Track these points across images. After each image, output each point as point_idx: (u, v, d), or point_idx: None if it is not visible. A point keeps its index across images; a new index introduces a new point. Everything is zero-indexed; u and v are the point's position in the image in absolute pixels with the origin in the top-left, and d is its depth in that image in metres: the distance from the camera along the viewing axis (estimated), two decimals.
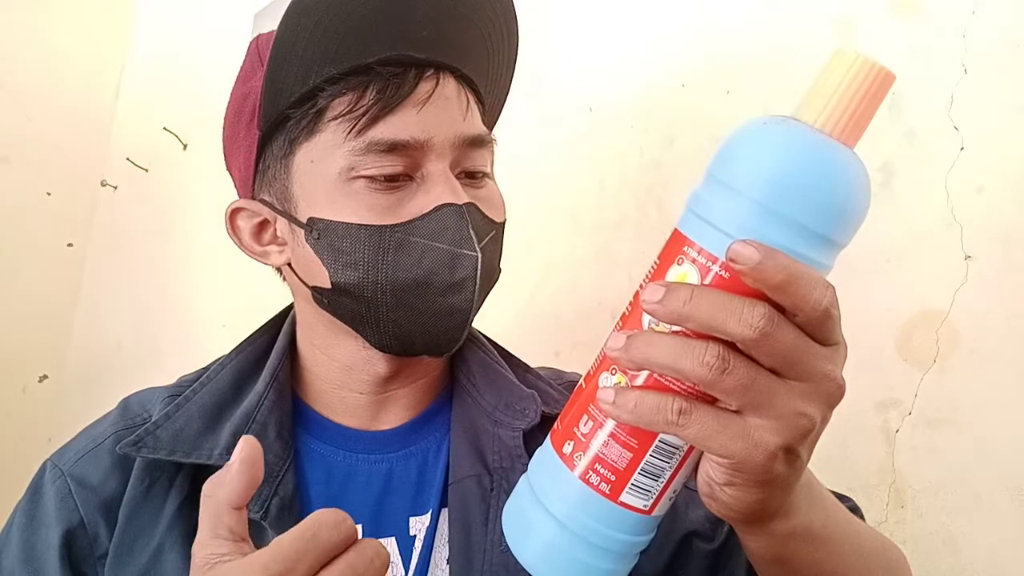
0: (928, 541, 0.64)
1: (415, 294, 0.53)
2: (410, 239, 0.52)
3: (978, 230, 0.65)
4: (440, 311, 0.54)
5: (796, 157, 0.34)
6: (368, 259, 0.52)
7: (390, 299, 0.53)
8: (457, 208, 0.53)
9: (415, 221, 0.52)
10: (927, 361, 0.66)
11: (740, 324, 0.32)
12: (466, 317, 0.55)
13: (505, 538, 0.41)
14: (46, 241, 1.95)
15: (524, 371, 0.66)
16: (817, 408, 0.34)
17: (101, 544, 0.54)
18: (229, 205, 0.60)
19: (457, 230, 0.52)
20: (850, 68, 0.34)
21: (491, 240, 0.56)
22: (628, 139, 0.94)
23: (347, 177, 0.52)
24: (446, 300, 0.53)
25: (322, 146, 0.53)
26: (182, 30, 1.90)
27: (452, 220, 0.52)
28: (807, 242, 0.33)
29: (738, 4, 0.85)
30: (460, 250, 0.52)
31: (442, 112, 0.54)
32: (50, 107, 1.93)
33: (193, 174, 1.74)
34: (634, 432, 0.36)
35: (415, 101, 0.53)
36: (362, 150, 0.52)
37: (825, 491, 0.45)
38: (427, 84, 0.54)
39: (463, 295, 0.53)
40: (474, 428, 0.60)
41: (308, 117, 0.53)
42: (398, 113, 0.52)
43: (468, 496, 0.56)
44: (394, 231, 0.52)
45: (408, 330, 0.55)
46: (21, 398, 1.90)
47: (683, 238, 0.36)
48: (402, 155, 0.52)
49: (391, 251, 0.52)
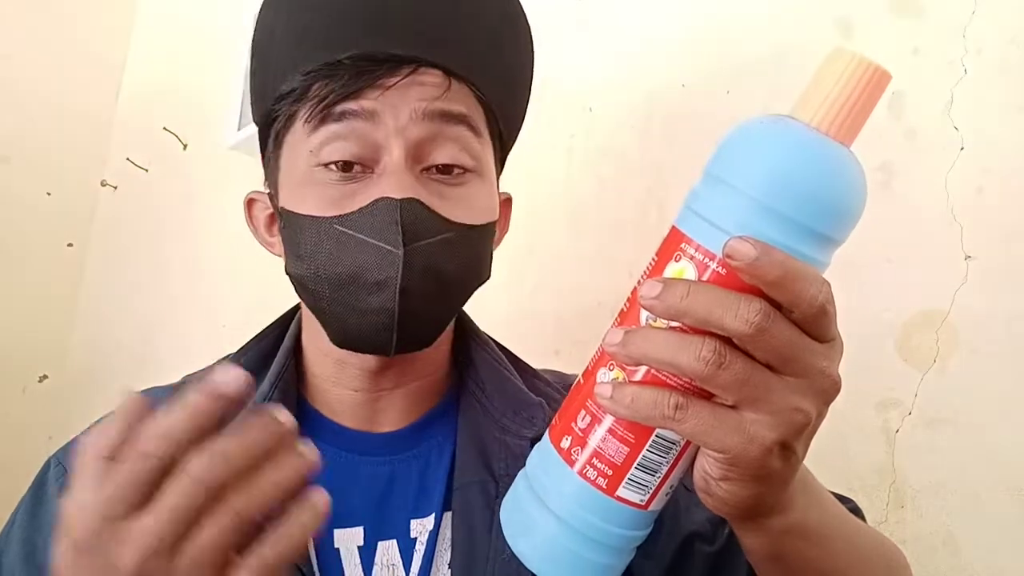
0: (928, 541, 0.64)
1: (347, 290, 0.51)
2: (345, 232, 0.51)
3: (978, 230, 0.65)
4: (366, 309, 0.51)
5: (793, 155, 0.34)
6: (310, 250, 0.52)
7: (328, 293, 0.52)
8: (391, 202, 0.50)
9: (351, 214, 0.51)
10: (927, 361, 0.66)
11: (736, 320, 0.32)
12: (390, 319, 0.51)
13: (504, 535, 0.41)
14: (46, 241, 1.95)
15: (532, 377, 0.66)
16: (812, 403, 0.34)
17: None
18: (247, 195, 0.62)
19: (385, 225, 0.50)
20: (846, 67, 0.35)
21: (440, 242, 0.52)
22: (628, 139, 0.94)
23: (311, 164, 0.52)
24: (369, 298, 0.51)
25: (296, 134, 0.54)
26: (182, 30, 1.90)
27: (383, 215, 0.50)
28: (803, 239, 0.34)
29: (738, 4, 0.85)
30: (384, 246, 0.50)
31: (406, 92, 0.51)
32: (50, 107, 1.93)
33: (193, 174, 1.74)
34: (631, 427, 0.37)
35: (380, 86, 0.51)
36: (317, 127, 0.51)
37: (822, 489, 0.45)
38: (398, 74, 0.51)
39: (384, 295, 0.50)
40: (480, 434, 0.59)
41: (288, 111, 0.54)
42: (360, 93, 0.51)
43: (472, 501, 0.56)
44: (331, 223, 0.51)
45: (346, 326, 0.53)
46: (21, 398, 1.90)
47: (681, 235, 0.36)
48: (356, 136, 0.51)
49: (328, 244, 0.51)
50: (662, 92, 0.91)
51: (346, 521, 0.55)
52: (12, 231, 1.86)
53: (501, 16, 0.58)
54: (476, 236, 0.54)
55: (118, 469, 0.33)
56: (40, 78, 1.90)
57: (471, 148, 0.54)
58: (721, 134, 0.37)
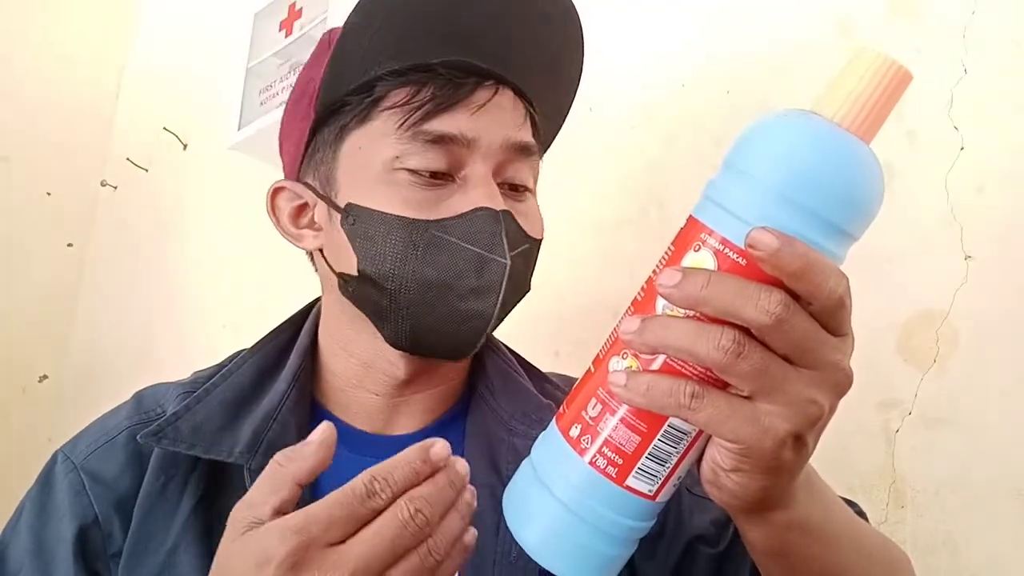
0: (928, 541, 0.64)
1: (438, 293, 0.53)
2: (442, 237, 0.52)
3: (978, 230, 0.65)
4: (459, 314, 0.53)
5: (818, 148, 0.35)
6: (397, 251, 0.52)
7: (413, 294, 0.53)
8: (493, 213, 0.53)
9: (450, 220, 0.53)
10: (927, 361, 0.66)
11: (757, 310, 0.32)
12: (485, 324, 0.54)
13: (510, 535, 0.41)
14: (46, 241, 1.95)
15: (542, 380, 0.66)
16: (826, 396, 0.35)
17: (115, 542, 0.54)
18: (272, 184, 0.61)
19: (490, 235, 0.52)
20: (870, 66, 0.35)
21: (523, 253, 0.55)
22: (628, 139, 0.94)
23: (391, 167, 0.53)
24: (467, 304, 0.53)
25: (373, 134, 0.54)
26: (182, 30, 1.90)
27: (486, 224, 0.52)
28: (824, 232, 0.34)
29: (738, 4, 0.85)
30: (490, 255, 0.52)
31: (495, 118, 0.55)
32: (50, 107, 1.93)
33: (193, 174, 1.74)
34: (643, 416, 0.36)
35: (470, 104, 0.54)
36: (409, 139, 0.53)
37: (826, 487, 0.45)
38: (485, 92, 0.55)
39: (486, 301, 0.53)
40: (489, 437, 0.59)
41: (363, 105, 0.54)
42: (452, 112, 0.53)
43: (480, 505, 0.56)
44: (428, 227, 0.52)
45: (424, 329, 0.54)
46: (21, 398, 1.90)
47: (700, 225, 0.36)
48: (448, 151, 0.53)
49: (421, 246, 0.52)
50: (662, 92, 0.91)
51: None
52: (12, 231, 1.86)
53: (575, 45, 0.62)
54: (537, 250, 0.59)
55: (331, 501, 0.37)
56: (40, 78, 1.90)
57: (534, 171, 0.59)
58: (721, 134, 0.37)
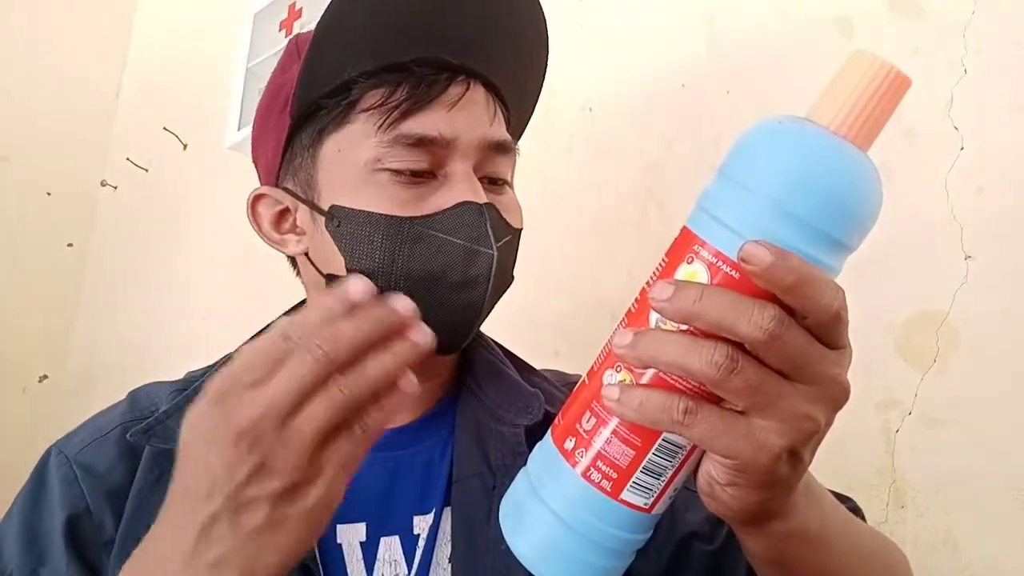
0: (928, 541, 0.64)
1: (428, 288, 0.53)
2: (428, 232, 0.53)
3: (978, 230, 0.65)
4: (451, 307, 0.54)
5: (813, 159, 0.34)
6: (385, 248, 0.53)
7: (403, 291, 0.53)
8: (477, 207, 0.53)
9: (436, 215, 0.53)
10: (927, 361, 0.66)
11: (750, 325, 0.32)
12: (476, 315, 0.55)
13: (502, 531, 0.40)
14: (46, 241, 1.95)
15: (528, 372, 0.67)
16: (822, 411, 0.34)
17: (106, 532, 0.54)
18: (252, 191, 0.61)
19: (475, 227, 0.53)
20: (867, 71, 0.34)
21: (507, 243, 0.56)
22: (628, 139, 0.94)
23: (373, 168, 0.53)
24: (459, 296, 0.54)
25: (351, 136, 0.54)
26: (182, 30, 1.90)
27: (472, 217, 0.53)
28: (819, 245, 0.33)
29: (738, 4, 0.85)
30: (477, 247, 0.53)
31: (470, 115, 0.55)
32: (50, 107, 1.93)
33: (193, 174, 1.74)
34: (637, 430, 0.36)
35: (446, 102, 0.54)
36: (390, 142, 0.53)
37: (824, 492, 0.45)
38: (458, 88, 0.55)
39: (476, 292, 0.54)
40: (478, 426, 0.60)
41: (340, 108, 0.55)
42: (428, 111, 0.54)
43: (471, 495, 0.56)
44: (413, 223, 0.53)
45: None
46: (21, 398, 1.90)
47: (693, 236, 0.35)
48: (428, 151, 0.54)
49: (409, 243, 0.53)
50: (662, 92, 0.91)
51: (349, 517, 0.55)
52: (12, 231, 1.86)
53: (540, 39, 0.63)
54: (518, 240, 0.59)
55: (254, 348, 0.37)
56: (40, 78, 1.90)
57: (511, 164, 0.60)
58: (721, 134, 0.37)
